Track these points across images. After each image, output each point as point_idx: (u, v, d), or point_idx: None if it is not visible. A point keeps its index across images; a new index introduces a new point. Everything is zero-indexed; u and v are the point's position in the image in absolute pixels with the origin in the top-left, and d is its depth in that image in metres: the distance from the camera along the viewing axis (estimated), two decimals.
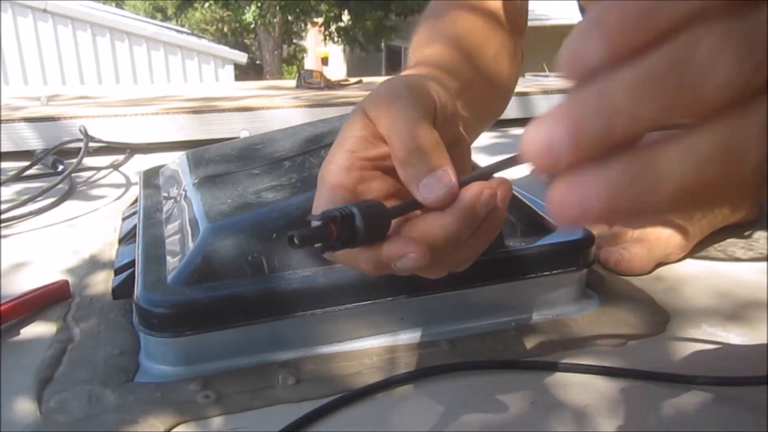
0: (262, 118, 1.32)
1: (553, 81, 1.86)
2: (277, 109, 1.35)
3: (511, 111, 1.52)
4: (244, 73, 8.74)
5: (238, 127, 1.30)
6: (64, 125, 1.21)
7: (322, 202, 0.34)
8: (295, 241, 0.28)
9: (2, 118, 1.19)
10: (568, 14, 8.46)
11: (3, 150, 1.17)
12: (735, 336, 0.49)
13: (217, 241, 0.47)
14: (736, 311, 0.53)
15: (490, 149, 1.23)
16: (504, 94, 0.58)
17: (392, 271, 0.32)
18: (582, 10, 0.77)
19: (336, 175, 0.34)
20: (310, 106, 1.34)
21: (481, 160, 0.62)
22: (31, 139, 1.20)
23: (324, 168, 0.35)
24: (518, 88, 1.68)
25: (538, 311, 0.53)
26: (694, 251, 0.64)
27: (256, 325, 0.46)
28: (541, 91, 1.54)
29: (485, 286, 0.50)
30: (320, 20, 9.78)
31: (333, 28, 9.87)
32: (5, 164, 1.13)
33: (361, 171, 0.34)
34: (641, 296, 0.56)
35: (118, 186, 1.00)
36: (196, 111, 1.30)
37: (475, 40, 0.52)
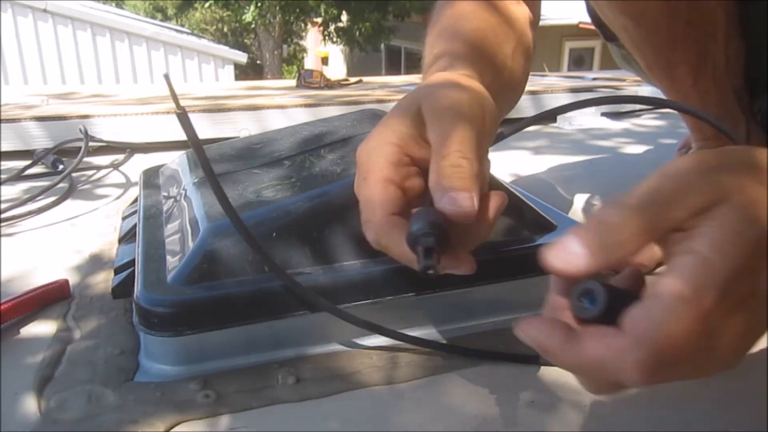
0: (262, 118, 1.32)
1: (553, 81, 1.86)
2: (277, 109, 1.35)
3: (513, 110, 1.52)
4: (244, 73, 8.74)
5: (238, 127, 1.30)
6: (64, 125, 1.21)
7: (376, 193, 0.35)
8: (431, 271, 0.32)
9: (3, 118, 1.19)
10: (568, 14, 8.46)
11: (3, 149, 1.17)
12: None
13: (217, 240, 0.47)
14: None
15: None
16: (519, 87, 0.58)
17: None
18: (590, 11, 0.77)
19: (384, 168, 0.36)
20: (310, 105, 1.34)
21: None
22: (32, 138, 1.20)
23: (370, 154, 0.36)
24: None
25: (540, 310, 0.52)
26: None
27: (256, 325, 0.46)
28: (541, 91, 1.54)
29: (486, 285, 0.50)
30: (320, 20, 9.78)
31: (332, 28, 9.86)
32: (5, 164, 1.13)
33: (407, 168, 0.36)
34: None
35: (118, 185, 1.00)
36: (196, 111, 1.30)
37: (492, 37, 0.52)
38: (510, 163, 1.06)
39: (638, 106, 1.64)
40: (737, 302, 0.24)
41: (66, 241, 0.73)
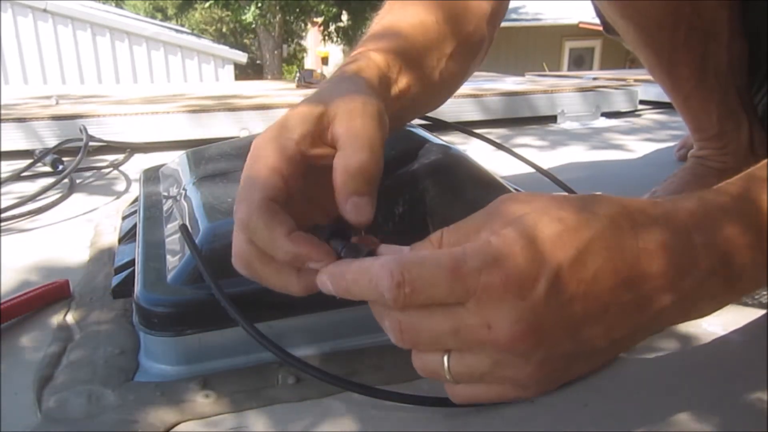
0: (262, 118, 1.32)
1: (553, 80, 1.86)
2: (277, 109, 1.35)
3: (511, 110, 1.52)
4: (244, 72, 8.74)
5: (238, 127, 1.30)
6: (64, 125, 1.21)
7: (261, 176, 0.35)
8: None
9: (2, 118, 1.19)
10: (567, 14, 8.46)
11: (3, 149, 1.17)
12: (735, 336, 0.49)
13: (217, 240, 0.47)
14: (736, 311, 0.53)
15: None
16: (447, 87, 0.56)
17: None
18: (597, 10, 0.77)
19: (277, 159, 0.35)
20: None
21: (488, 157, 0.62)
22: (32, 138, 1.20)
23: (266, 144, 0.36)
24: (518, 88, 1.69)
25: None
26: None
27: (256, 325, 0.45)
28: (541, 91, 1.54)
29: None
30: (320, 20, 9.78)
31: (332, 28, 9.86)
32: (5, 164, 1.13)
33: (297, 166, 0.36)
34: None
35: (118, 185, 1.00)
36: (196, 110, 1.30)
37: (421, 38, 0.51)
38: (510, 163, 1.06)
39: (638, 106, 1.64)
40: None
41: (66, 241, 0.73)
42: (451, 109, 1.45)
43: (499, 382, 0.31)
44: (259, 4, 8.26)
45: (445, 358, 0.30)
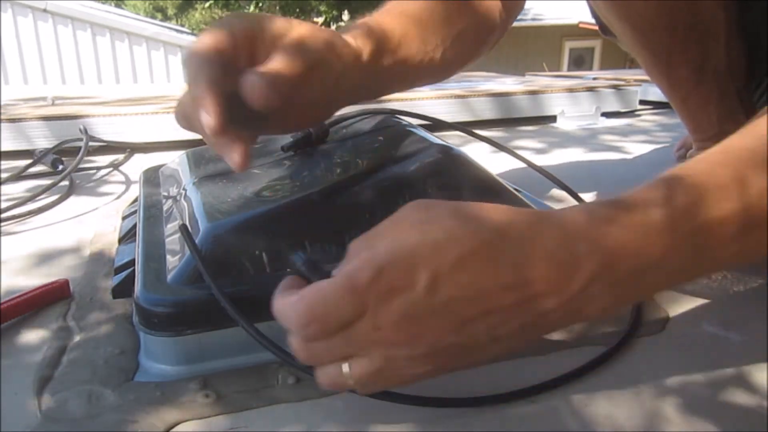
0: None
1: (553, 80, 1.86)
2: None
3: (511, 110, 1.52)
4: None
5: None
6: (64, 125, 1.21)
7: (205, 41, 0.41)
8: None
9: (2, 118, 1.19)
10: (567, 14, 8.46)
11: (3, 149, 1.17)
12: (735, 336, 0.49)
13: (217, 240, 0.47)
14: (736, 311, 0.53)
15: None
16: (440, 67, 0.59)
17: None
18: (593, 12, 0.77)
19: (222, 34, 0.42)
20: None
21: (488, 158, 0.62)
22: (32, 138, 1.20)
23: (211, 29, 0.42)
24: (518, 88, 1.69)
25: None
26: None
27: (256, 325, 0.45)
28: (541, 91, 1.54)
29: None
30: (320, 20, 9.78)
31: (333, 28, 9.86)
32: (6, 164, 1.13)
33: (239, 41, 0.42)
34: None
35: (118, 185, 1.00)
36: None
37: (421, 17, 0.55)
38: (510, 163, 1.05)
39: (639, 106, 1.64)
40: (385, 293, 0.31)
41: (66, 241, 0.73)
42: (452, 109, 1.45)
43: (397, 375, 0.34)
44: (259, 4, 8.26)
45: (345, 366, 0.33)
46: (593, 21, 0.81)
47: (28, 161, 1.04)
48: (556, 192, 0.82)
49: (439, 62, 0.56)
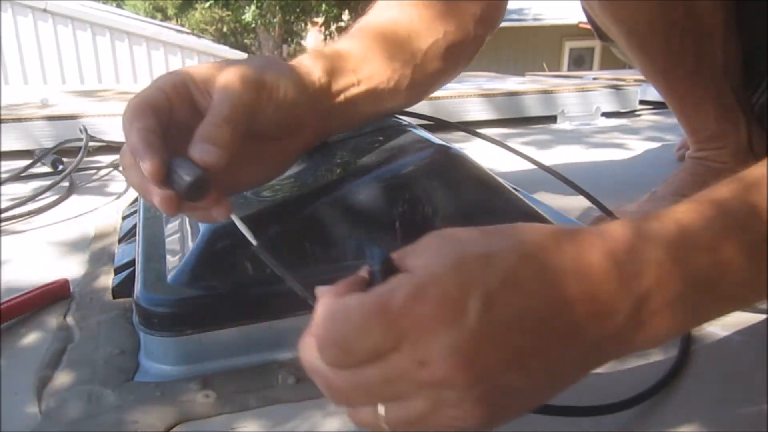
0: None
1: (553, 80, 1.86)
2: None
3: (511, 110, 1.52)
4: None
5: None
6: (64, 124, 1.21)
7: (144, 95, 0.41)
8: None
9: (2, 118, 1.19)
10: (567, 14, 8.46)
11: (3, 149, 1.17)
12: (735, 336, 0.49)
13: (217, 240, 0.47)
14: (736, 311, 0.53)
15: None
16: (417, 85, 0.56)
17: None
18: (588, 16, 0.77)
19: (164, 84, 0.41)
20: None
21: (490, 159, 0.62)
22: (32, 138, 1.20)
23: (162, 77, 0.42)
24: (518, 88, 1.69)
25: None
26: None
27: (256, 325, 0.46)
28: (541, 91, 1.54)
29: None
30: (320, 20, 9.78)
31: (333, 27, 9.86)
32: (6, 164, 1.13)
33: (180, 92, 0.42)
34: None
35: (118, 185, 1.00)
36: None
37: (391, 36, 0.53)
38: (510, 163, 1.06)
39: (638, 106, 1.64)
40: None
41: (66, 241, 0.73)
42: (452, 108, 1.45)
43: (442, 424, 0.28)
44: (259, 4, 8.26)
45: (381, 410, 0.28)
46: None
47: (29, 161, 1.04)
48: (556, 192, 0.82)
49: (408, 82, 0.53)
